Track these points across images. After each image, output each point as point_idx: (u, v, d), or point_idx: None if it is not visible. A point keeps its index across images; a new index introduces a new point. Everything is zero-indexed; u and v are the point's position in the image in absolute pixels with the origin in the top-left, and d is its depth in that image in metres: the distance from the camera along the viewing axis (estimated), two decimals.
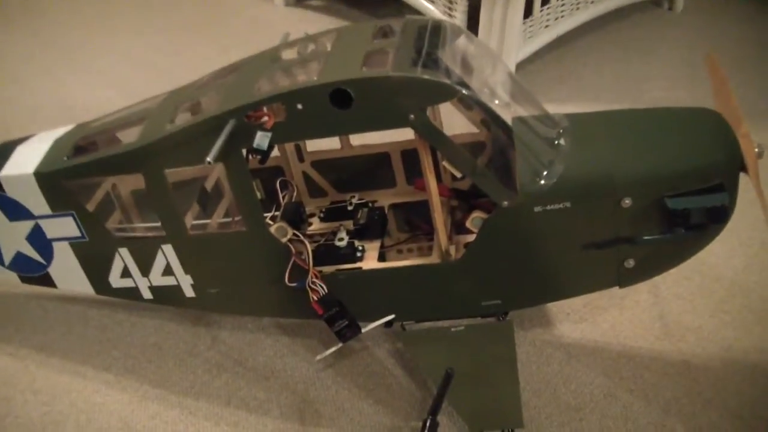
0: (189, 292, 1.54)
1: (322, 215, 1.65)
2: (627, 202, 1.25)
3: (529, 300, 1.48)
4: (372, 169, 1.65)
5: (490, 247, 1.33)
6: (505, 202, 1.27)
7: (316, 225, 1.64)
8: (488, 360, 1.39)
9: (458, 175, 1.29)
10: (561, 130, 1.34)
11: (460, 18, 2.70)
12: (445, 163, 1.30)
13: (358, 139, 1.62)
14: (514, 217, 1.28)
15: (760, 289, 1.74)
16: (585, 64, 2.87)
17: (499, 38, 2.59)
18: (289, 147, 1.66)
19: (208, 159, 1.20)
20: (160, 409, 1.65)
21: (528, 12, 2.56)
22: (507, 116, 1.33)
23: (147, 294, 1.58)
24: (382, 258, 1.53)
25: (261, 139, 1.23)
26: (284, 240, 1.42)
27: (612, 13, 3.00)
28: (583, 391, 1.55)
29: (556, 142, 1.32)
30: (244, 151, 1.28)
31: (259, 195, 1.45)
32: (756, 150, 1.25)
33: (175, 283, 1.53)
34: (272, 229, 1.40)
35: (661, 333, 1.65)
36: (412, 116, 1.20)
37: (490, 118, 1.34)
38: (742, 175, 1.28)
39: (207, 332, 1.83)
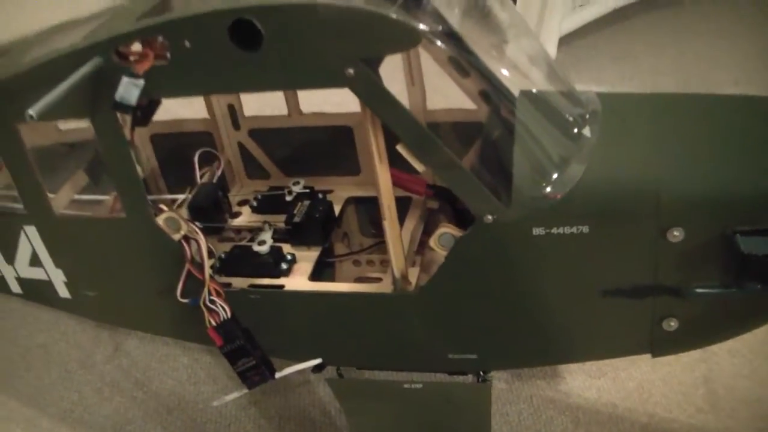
0: (63, 292, 1.27)
1: (255, 204, 1.27)
2: (676, 234, 0.94)
3: (518, 360, 1.16)
4: (328, 148, 1.33)
5: (463, 278, 1.01)
6: (489, 216, 0.95)
7: (245, 217, 1.31)
8: None
9: (419, 168, 0.93)
10: (588, 115, 1.04)
11: None
12: (399, 148, 0.91)
13: (309, 104, 1.31)
14: (500, 240, 0.97)
15: None
16: (645, 44, 2.61)
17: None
18: (220, 107, 1.33)
19: (30, 112, 0.86)
20: None
21: None
22: (515, 89, 1.07)
23: (15, 287, 1.33)
24: (320, 274, 1.15)
25: (127, 89, 0.93)
26: (177, 236, 1.05)
27: None
28: None
29: (578, 130, 1.00)
30: None
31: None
32: None
33: (46, 277, 1.25)
34: (160, 219, 1.07)
35: (705, 403, 1.37)
36: (350, 70, 0.87)
37: (489, 89, 1.06)
38: None
39: (110, 338, 1.56)
